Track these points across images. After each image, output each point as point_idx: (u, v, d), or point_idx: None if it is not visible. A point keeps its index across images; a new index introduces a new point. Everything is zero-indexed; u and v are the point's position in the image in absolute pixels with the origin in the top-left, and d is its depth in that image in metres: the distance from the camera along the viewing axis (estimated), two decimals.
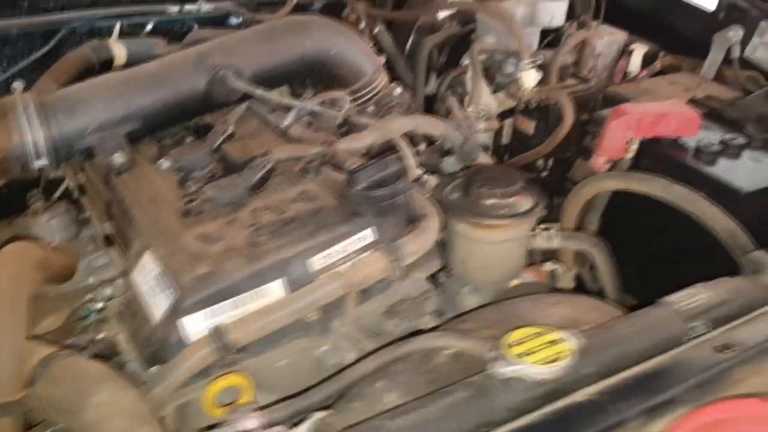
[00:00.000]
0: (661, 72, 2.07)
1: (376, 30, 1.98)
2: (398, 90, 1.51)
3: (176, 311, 0.93)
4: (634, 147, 1.44)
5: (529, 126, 1.76)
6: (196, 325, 0.93)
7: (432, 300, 1.11)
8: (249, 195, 1.12)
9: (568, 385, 0.75)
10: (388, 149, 1.24)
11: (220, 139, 1.31)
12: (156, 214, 1.10)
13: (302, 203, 1.08)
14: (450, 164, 1.41)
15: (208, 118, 1.40)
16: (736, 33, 1.89)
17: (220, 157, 1.28)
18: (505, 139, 1.92)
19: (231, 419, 0.79)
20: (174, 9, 1.76)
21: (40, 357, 0.84)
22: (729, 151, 1.41)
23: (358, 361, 0.91)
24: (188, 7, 1.78)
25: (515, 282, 1.28)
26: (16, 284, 0.87)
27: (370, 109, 1.49)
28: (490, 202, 1.17)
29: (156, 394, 0.89)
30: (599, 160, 1.46)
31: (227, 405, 0.90)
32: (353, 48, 1.48)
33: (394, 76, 1.98)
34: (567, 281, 1.49)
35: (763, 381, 0.76)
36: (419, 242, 1.04)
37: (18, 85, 1.37)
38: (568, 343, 0.77)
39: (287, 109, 1.35)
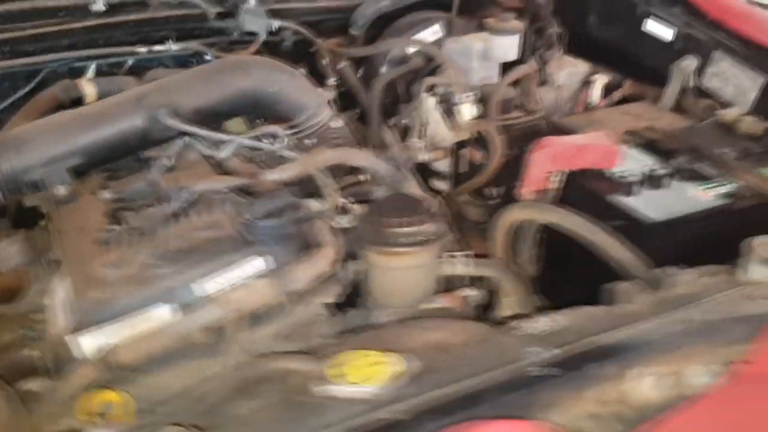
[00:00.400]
0: (625, 101, 2.10)
1: (341, 65, 2.08)
2: (335, 123, 1.60)
3: (70, 330, 1.03)
4: (558, 178, 1.49)
5: (477, 156, 1.82)
6: (88, 345, 1.02)
7: (321, 324, 1.17)
8: (166, 224, 1.22)
9: (385, 405, 0.81)
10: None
11: (159, 172, 1.43)
12: (78, 243, 1.20)
13: (205, 232, 1.17)
14: (380, 194, 1.48)
15: (153, 152, 1.52)
16: (691, 63, 1.91)
17: (155, 189, 1.38)
18: (463, 168, 1.98)
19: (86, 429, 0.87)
20: (143, 50, 1.89)
21: None
22: (650, 182, 1.44)
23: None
24: (157, 47, 1.91)
25: (427, 306, 1.34)
26: None
27: (310, 142, 1.58)
28: (393, 230, 1.24)
29: (46, 410, 0.98)
30: (523, 191, 1.51)
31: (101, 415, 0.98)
32: (292, 86, 1.58)
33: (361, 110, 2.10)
34: (510, 307, 1.54)
35: (576, 409, 0.80)
36: (306, 270, 1.11)
37: None
38: (392, 366, 0.83)
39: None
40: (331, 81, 2.04)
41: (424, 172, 1.93)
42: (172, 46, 1.93)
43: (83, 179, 1.43)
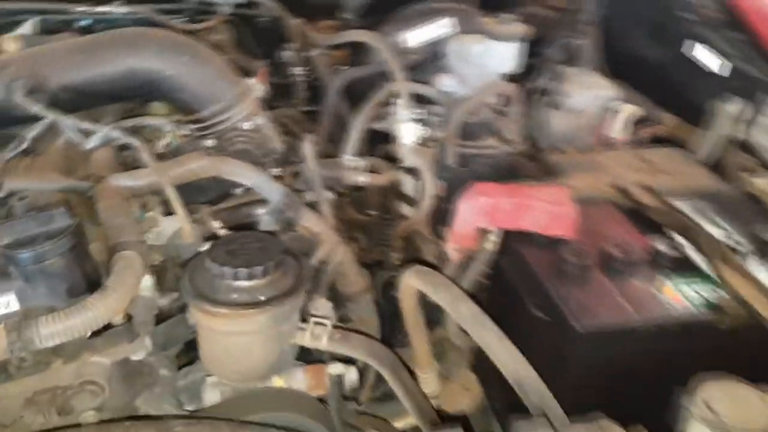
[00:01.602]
0: (659, 141, 1.68)
1: (314, 53, 1.77)
2: (248, 124, 1.30)
3: None
4: (493, 238, 1.12)
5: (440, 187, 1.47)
6: None
7: (92, 396, 0.89)
8: None
9: None
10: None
11: (11, 154, 1.19)
12: None
13: None
14: (265, 222, 1.18)
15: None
16: (738, 107, 1.47)
17: None
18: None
19: None
20: (81, 9, 1.66)
21: None
22: (607, 267, 1.05)
23: None
24: (100, 8, 1.67)
25: (280, 381, 1.04)
26: None
27: (208, 142, 1.29)
28: (224, 282, 0.94)
29: None
30: (448, 246, 1.16)
31: None
32: (200, 71, 1.29)
33: None
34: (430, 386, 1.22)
35: None
36: (63, 325, 0.83)
37: None
38: None
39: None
40: (297, 70, 1.74)
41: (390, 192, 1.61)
42: (119, 9, 1.68)
43: None
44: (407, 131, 1.32)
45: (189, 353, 1.11)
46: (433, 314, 1.19)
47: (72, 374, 0.90)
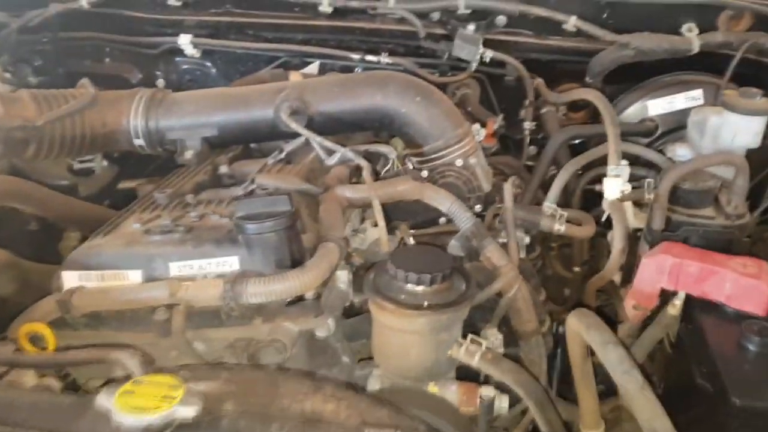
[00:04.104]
0: None
1: (544, 110, 1.85)
2: (460, 162, 1.44)
3: (64, 265, 1.14)
4: (678, 302, 1.09)
5: None
6: (69, 281, 1.12)
7: (275, 352, 1.07)
8: (214, 203, 1.27)
9: None
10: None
11: (272, 162, 1.48)
12: (148, 197, 1.33)
13: (217, 218, 1.17)
14: (452, 246, 1.29)
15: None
16: None
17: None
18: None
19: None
20: (355, 57, 1.97)
21: None
22: None
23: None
24: (369, 57, 1.97)
25: (434, 389, 1.13)
26: None
27: (423, 173, 1.46)
28: (397, 284, 1.08)
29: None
30: (628, 304, 1.15)
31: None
32: (428, 112, 1.46)
33: None
34: None
35: None
36: (265, 287, 1.03)
37: (160, 82, 1.75)
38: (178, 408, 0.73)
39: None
40: (526, 125, 1.84)
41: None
42: (384, 59, 1.96)
43: (222, 151, 1.57)
44: (612, 186, 1.33)
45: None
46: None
47: (266, 332, 1.10)
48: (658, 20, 1.83)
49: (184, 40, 2.03)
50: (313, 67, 2.05)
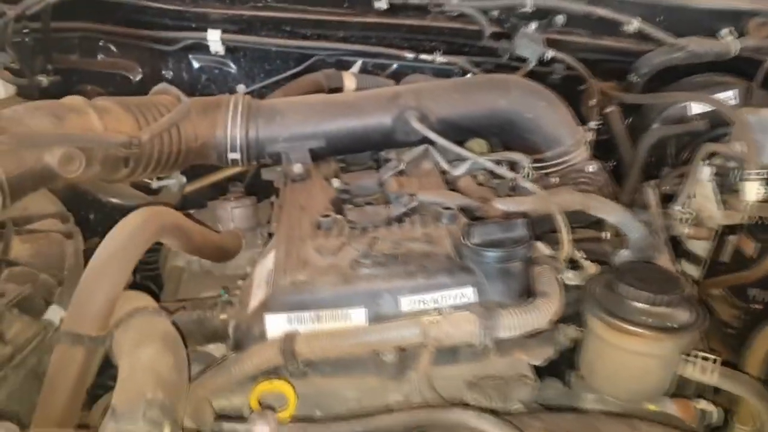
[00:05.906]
0: None
1: (609, 110, 1.87)
2: (591, 167, 1.41)
3: (264, 307, 0.98)
4: None
5: (749, 246, 1.51)
6: (277, 326, 0.96)
7: (527, 388, 0.99)
8: (382, 225, 1.14)
9: None
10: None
11: (390, 173, 1.36)
12: (295, 220, 1.17)
13: (420, 244, 1.06)
14: (624, 257, 1.27)
15: (392, 154, 1.46)
16: None
17: (382, 189, 1.32)
18: (726, 257, 1.66)
19: (251, 418, 0.80)
20: (410, 56, 1.87)
21: (131, 307, 0.95)
22: None
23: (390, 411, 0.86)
24: (423, 56, 1.88)
25: (652, 407, 1.10)
26: (133, 238, 0.98)
27: (554, 180, 1.41)
28: (635, 304, 1.03)
29: (219, 381, 0.94)
30: None
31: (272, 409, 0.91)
32: (552, 117, 1.43)
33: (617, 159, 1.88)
34: None
35: None
36: (521, 319, 0.95)
37: (241, 87, 1.57)
38: None
39: (462, 159, 1.36)
40: (592, 124, 1.85)
41: (674, 249, 1.65)
42: (439, 58, 1.88)
43: (320, 163, 1.42)
44: (750, 189, 1.38)
45: None
46: None
47: (501, 367, 1.01)
48: (698, 24, 1.92)
49: (213, 36, 1.81)
50: (355, 68, 1.92)
